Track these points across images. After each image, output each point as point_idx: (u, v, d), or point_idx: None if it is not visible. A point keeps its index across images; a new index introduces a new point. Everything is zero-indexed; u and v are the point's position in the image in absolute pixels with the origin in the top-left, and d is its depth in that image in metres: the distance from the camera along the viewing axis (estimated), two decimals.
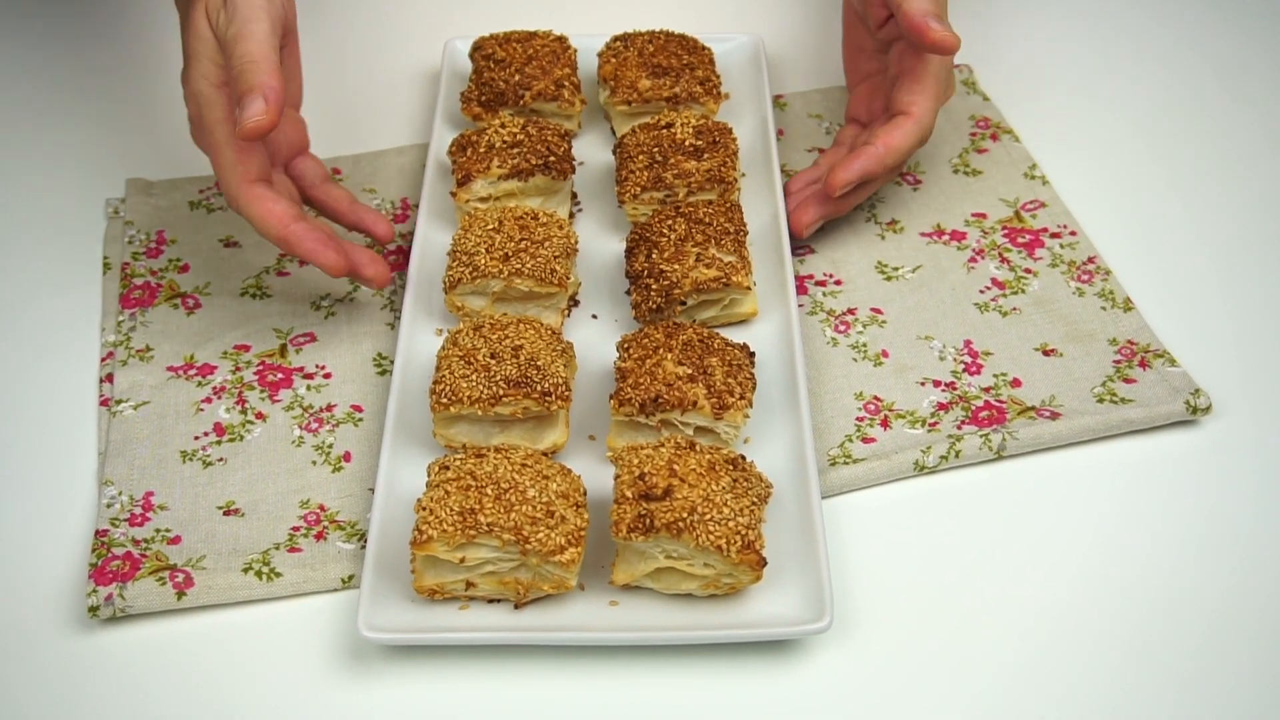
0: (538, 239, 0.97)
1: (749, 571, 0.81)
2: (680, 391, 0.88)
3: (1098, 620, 0.85)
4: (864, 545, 0.88)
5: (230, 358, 1.00)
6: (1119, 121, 1.19)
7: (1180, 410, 0.94)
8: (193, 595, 0.85)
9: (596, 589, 0.84)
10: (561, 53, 1.14)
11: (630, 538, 0.80)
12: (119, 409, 0.96)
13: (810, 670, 0.82)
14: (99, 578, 0.85)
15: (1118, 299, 1.02)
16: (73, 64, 1.25)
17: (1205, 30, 1.28)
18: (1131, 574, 0.87)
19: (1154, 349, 0.98)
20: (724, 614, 0.83)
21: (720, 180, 1.03)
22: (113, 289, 1.05)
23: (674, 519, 0.80)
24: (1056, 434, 0.93)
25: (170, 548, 0.88)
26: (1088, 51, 1.26)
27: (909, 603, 0.85)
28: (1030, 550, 0.88)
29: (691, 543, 0.80)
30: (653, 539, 0.80)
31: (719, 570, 0.81)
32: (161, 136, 1.17)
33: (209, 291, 1.04)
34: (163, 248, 1.08)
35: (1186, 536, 0.89)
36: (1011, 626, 0.84)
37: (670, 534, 0.80)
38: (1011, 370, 0.98)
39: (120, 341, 1.01)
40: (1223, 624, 0.85)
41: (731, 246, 0.98)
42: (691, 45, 1.14)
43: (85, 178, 1.14)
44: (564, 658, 0.82)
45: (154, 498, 0.91)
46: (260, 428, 0.95)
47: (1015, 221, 1.09)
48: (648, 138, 1.05)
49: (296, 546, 0.88)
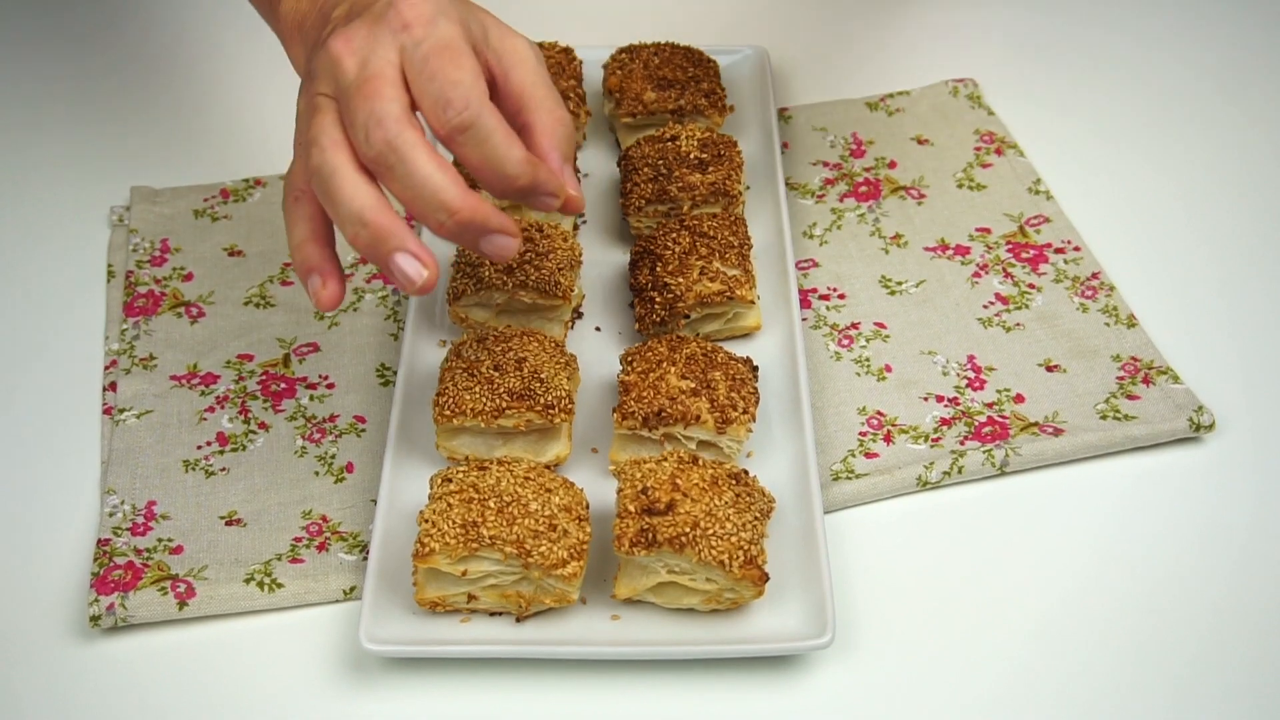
0: (542, 251, 0.97)
1: (751, 587, 0.81)
2: (683, 405, 0.88)
3: (1100, 636, 0.85)
4: (866, 560, 0.88)
5: (233, 367, 1.00)
6: (1123, 137, 1.19)
7: (1183, 427, 0.94)
8: (194, 605, 0.85)
9: (598, 602, 0.84)
10: (567, 64, 1.14)
11: (633, 552, 0.80)
12: (122, 418, 0.96)
13: (812, 686, 0.82)
14: (100, 587, 0.85)
15: (1121, 315, 1.02)
16: (77, 70, 1.25)
17: (1210, 45, 1.28)
18: (1134, 591, 0.87)
19: (1157, 365, 0.98)
20: (726, 629, 0.83)
21: (725, 193, 1.03)
22: (116, 297, 1.05)
23: (676, 534, 0.80)
24: (1059, 450, 0.93)
25: (172, 557, 0.88)
26: (1092, 67, 1.26)
27: (911, 618, 0.85)
28: (1032, 566, 0.88)
29: (694, 558, 0.80)
30: (655, 554, 0.80)
31: (721, 585, 0.81)
32: (166, 144, 1.17)
33: (212, 300, 1.04)
34: (167, 256, 1.08)
35: (1189, 553, 0.89)
36: (1013, 642, 0.84)
37: (673, 549, 0.80)
38: (1015, 386, 0.98)
39: (124, 350, 1.01)
40: (1225, 640, 0.84)
41: (735, 260, 0.98)
42: (697, 58, 1.15)
43: (89, 185, 1.14)
44: (565, 671, 0.82)
45: (156, 507, 0.91)
46: (263, 438, 0.95)
47: (1019, 237, 1.09)
48: (652, 150, 1.05)
49: (298, 557, 0.88)
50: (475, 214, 0.75)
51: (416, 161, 0.73)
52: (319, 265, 0.78)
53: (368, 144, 0.73)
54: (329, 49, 0.76)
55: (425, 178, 0.73)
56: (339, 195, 0.74)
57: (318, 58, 0.77)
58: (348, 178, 0.74)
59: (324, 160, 0.74)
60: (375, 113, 0.73)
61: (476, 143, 0.74)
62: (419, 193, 0.74)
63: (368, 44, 0.75)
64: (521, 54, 0.80)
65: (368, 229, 0.74)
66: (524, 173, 0.76)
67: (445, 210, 0.74)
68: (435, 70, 0.74)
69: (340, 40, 0.76)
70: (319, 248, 0.78)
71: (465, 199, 0.74)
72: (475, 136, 0.74)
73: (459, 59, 0.75)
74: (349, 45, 0.76)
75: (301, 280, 0.78)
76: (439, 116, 0.74)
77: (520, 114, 0.80)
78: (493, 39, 0.79)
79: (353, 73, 0.75)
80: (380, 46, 0.75)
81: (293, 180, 0.79)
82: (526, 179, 0.76)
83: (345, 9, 0.80)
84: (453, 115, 0.74)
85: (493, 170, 0.76)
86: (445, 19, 0.76)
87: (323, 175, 0.75)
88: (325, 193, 0.75)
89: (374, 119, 0.73)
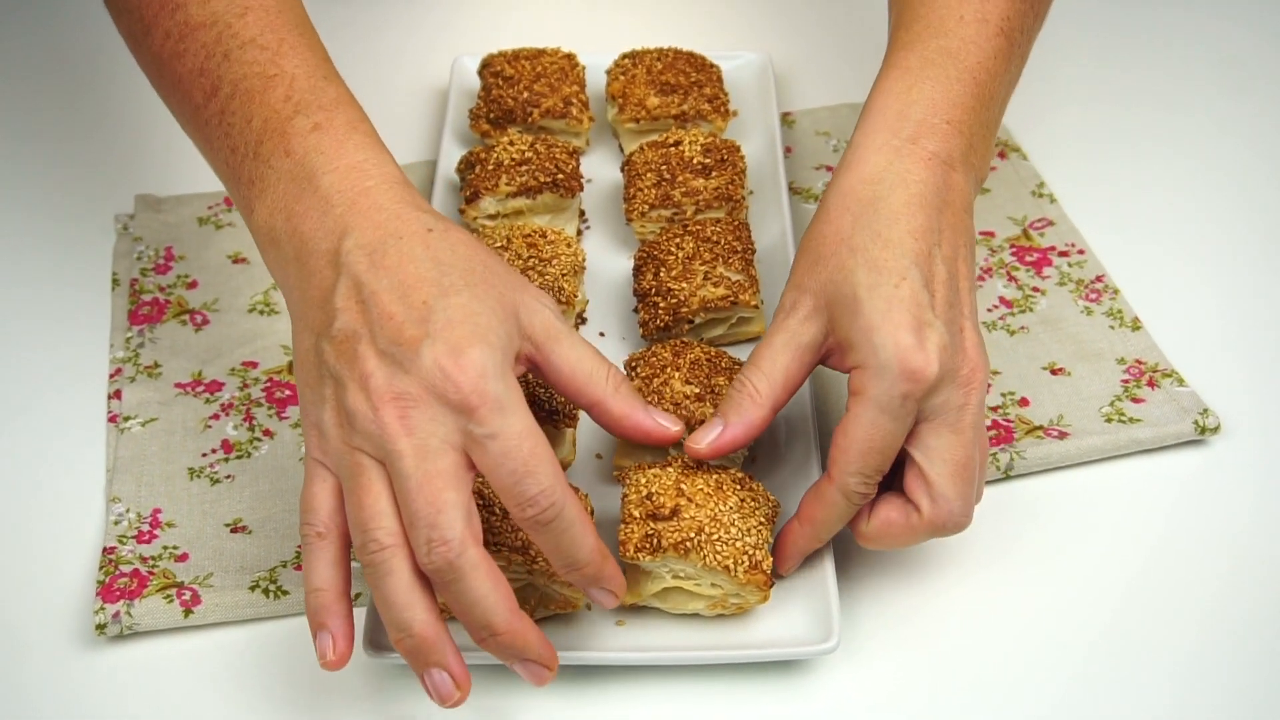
0: (545, 257, 0.97)
1: (756, 591, 0.81)
2: (688, 411, 0.88)
3: (1106, 641, 0.84)
4: (871, 565, 0.88)
5: (238, 374, 1.00)
6: (1127, 139, 1.18)
7: (1189, 430, 0.94)
8: (200, 613, 0.85)
9: (603, 609, 0.84)
10: (570, 70, 1.14)
11: (638, 558, 0.80)
12: (127, 426, 0.96)
13: (817, 691, 0.82)
14: (106, 595, 0.85)
15: (1126, 318, 1.02)
16: (81, 78, 1.25)
17: (1215, 48, 1.27)
18: (1139, 594, 0.87)
19: (1162, 368, 0.98)
20: (731, 634, 0.82)
21: (728, 198, 1.03)
22: (121, 305, 1.05)
23: (681, 539, 0.80)
24: (1064, 454, 0.93)
25: (178, 565, 0.88)
26: (1096, 69, 1.26)
27: (916, 623, 0.85)
28: (1037, 570, 0.88)
29: (699, 562, 0.80)
30: (660, 559, 0.80)
31: (726, 590, 0.81)
32: (171, 152, 1.17)
33: (217, 308, 1.05)
34: (171, 264, 1.08)
35: (1194, 557, 0.89)
36: (1019, 646, 0.84)
37: (678, 554, 0.80)
38: (1019, 389, 0.97)
39: (129, 358, 1.01)
40: (1232, 643, 0.84)
41: (739, 265, 0.98)
42: (700, 63, 1.15)
43: (94, 193, 1.14)
44: (570, 678, 0.82)
45: (161, 515, 0.91)
46: (268, 445, 0.95)
47: (1023, 240, 1.09)
48: (656, 155, 1.05)
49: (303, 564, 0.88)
50: (515, 639, 0.73)
51: (473, 582, 0.71)
52: (334, 625, 0.75)
53: (429, 557, 0.71)
54: (380, 419, 0.72)
55: (479, 599, 0.72)
56: (392, 599, 0.72)
57: (357, 405, 0.72)
58: (402, 586, 0.72)
59: (382, 560, 0.72)
60: (439, 528, 0.71)
61: (556, 534, 0.73)
62: (468, 610, 0.72)
63: (427, 428, 0.71)
64: (551, 327, 0.77)
65: (413, 639, 0.73)
66: (593, 562, 0.75)
67: (489, 630, 0.73)
68: (515, 468, 0.71)
69: (394, 412, 0.71)
70: (338, 602, 0.75)
71: (510, 623, 0.73)
72: (556, 529, 0.73)
73: (538, 448, 0.72)
74: (405, 422, 0.71)
75: (311, 632, 0.75)
76: (520, 511, 0.72)
77: (579, 396, 0.79)
78: (523, 321, 0.76)
79: (410, 464, 0.71)
80: (441, 429, 0.71)
81: (314, 507, 0.75)
82: (593, 569, 0.75)
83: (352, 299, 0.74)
84: (536, 512, 0.72)
85: (564, 558, 0.74)
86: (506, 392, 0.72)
87: (378, 574, 0.72)
88: (377, 590, 0.73)
89: (438, 536, 0.71)
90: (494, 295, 0.75)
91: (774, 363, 0.81)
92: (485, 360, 0.72)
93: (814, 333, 0.81)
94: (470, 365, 0.72)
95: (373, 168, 0.79)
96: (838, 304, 0.79)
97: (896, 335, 0.76)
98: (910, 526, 0.80)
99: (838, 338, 0.80)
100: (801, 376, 0.82)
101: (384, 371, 0.72)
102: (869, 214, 0.80)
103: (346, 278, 0.75)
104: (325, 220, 0.77)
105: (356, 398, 0.73)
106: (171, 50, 0.85)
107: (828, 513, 0.80)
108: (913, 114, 0.83)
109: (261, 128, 0.80)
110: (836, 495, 0.79)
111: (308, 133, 0.79)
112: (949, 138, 0.82)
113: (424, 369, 0.72)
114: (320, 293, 0.76)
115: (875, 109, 0.84)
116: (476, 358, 0.72)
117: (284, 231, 0.78)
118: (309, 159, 0.78)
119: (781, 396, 0.82)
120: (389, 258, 0.75)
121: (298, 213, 0.78)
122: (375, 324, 0.73)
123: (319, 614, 0.75)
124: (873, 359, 0.77)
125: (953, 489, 0.78)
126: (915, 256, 0.78)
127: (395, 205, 0.77)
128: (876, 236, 0.79)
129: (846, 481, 0.78)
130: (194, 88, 0.84)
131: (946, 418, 0.78)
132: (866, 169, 0.81)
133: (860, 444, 0.77)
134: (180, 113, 0.87)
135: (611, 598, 0.77)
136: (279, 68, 0.82)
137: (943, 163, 0.82)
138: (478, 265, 0.76)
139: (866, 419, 0.77)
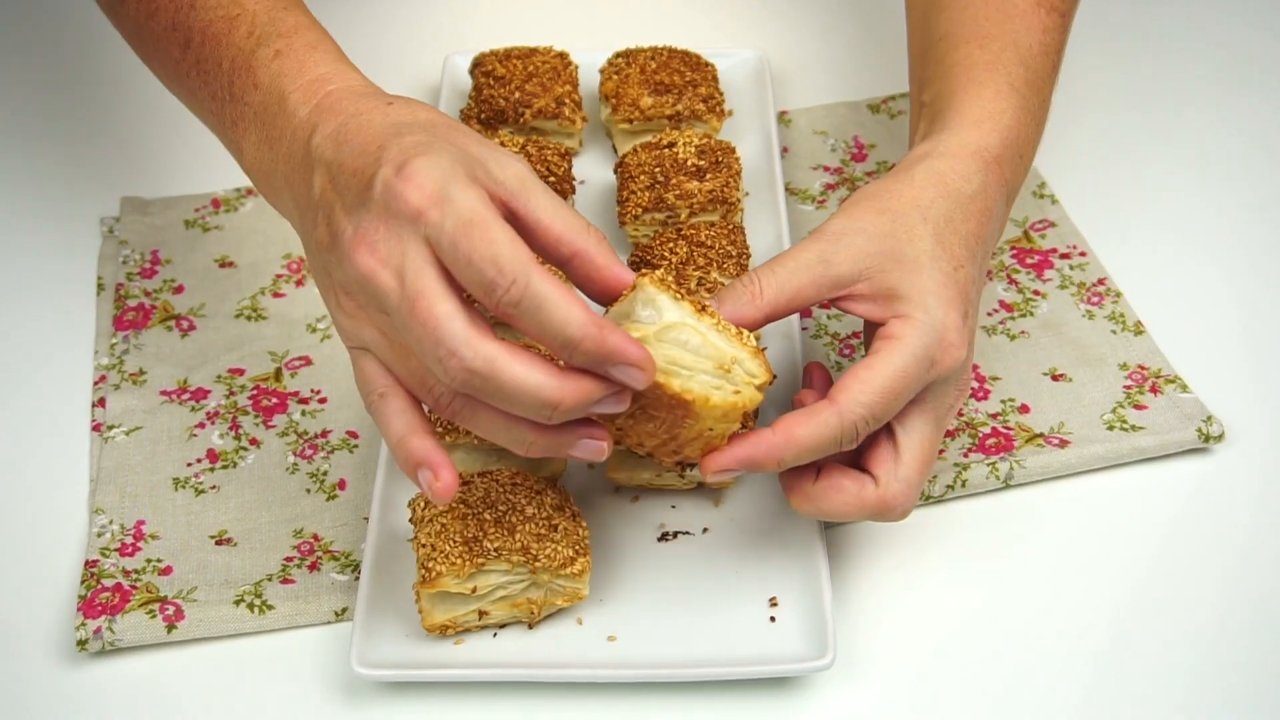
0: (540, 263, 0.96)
1: (757, 363, 0.75)
2: None
3: (1108, 652, 0.83)
4: (868, 577, 0.87)
5: (224, 382, 0.98)
6: (1131, 139, 1.17)
7: (1192, 438, 0.92)
8: (183, 629, 0.84)
9: (594, 624, 0.83)
10: (562, 69, 1.12)
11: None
12: (111, 434, 0.95)
13: (813, 709, 0.80)
14: (88, 610, 0.84)
15: (1128, 322, 1.00)
16: (67, 80, 1.24)
17: (1219, 49, 1.26)
18: (1141, 605, 0.86)
19: (1165, 374, 0.96)
20: (725, 650, 0.81)
21: (723, 201, 1.02)
22: (106, 310, 1.03)
23: None
24: (1065, 463, 0.91)
25: (161, 578, 0.86)
26: (1097, 69, 1.24)
27: (914, 637, 0.84)
28: (1037, 582, 0.87)
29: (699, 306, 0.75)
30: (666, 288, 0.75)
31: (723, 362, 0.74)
32: (157, 154, 1.16)
33: (203, 313, 1.03)
34: (157, 268, 1.06)
35: (1197, 566, 0.87)
36: (1019, 660, 0.83)
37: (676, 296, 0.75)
38: (1020, 396, 0.96)
39: (113, 365, 0.99)
40: (1236, 652, 0.83)
41: (734, 270, 0.96)
42: (694, 62, 1.13)
43: (79, 196, 1.12)
44: (561, 695, 0.81)
45: (145, 526, 0.89)
46: (254, 454, 0.94)
47: (1024, 242, 1.07)
48: (649, 157, 1.04)
49: (289, 578, 0.86)
50: (579, 396, 0.71)
51: (503, 375, 0.69)
52: (425, 458, 0.73)
53: (450, 378, 0.69)
54: (355, 264, 0.71)
55: (518, 387, 0.69)
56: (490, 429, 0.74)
57: (343, 270, 0.72)
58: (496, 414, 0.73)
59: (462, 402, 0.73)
60: (442, 343, 0.69)
61: (533, 313, 0.69)
62: (517, 402, 0.70)
63: (393, 248, 0.70)
64: (524, 176, 0.74)
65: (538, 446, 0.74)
66: (589, 334, 0.69)
67: (548, 407, 0.70)
68: (468, 254, 0.68)
69: (363, 250, 0.71)
70: (421, 439, 0.73)
71: (563, 388, 0.70)
72: (530, 307, 0.69)
73: (487, 231, 0.69)
74: (374, 254, 0.70)
75: (410, 476, 0.74)
76: (489, 299, 0.69)
77: (559, 245, 0.75)
78: (494, 170, 0.73)
79: (394, 293, 0.70)
80: (407, 247, 0.69)
81: (367, 380, 0.75)
82: (592, 341, 0.69)
83: (325, 181, 0.74)
84: (501, 294, 0.68)
85: (556, 338, 0.69)
86: (453, 184, 0.69)
87: (465, 416, 0.74)
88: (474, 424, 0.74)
89: (445, 351, 0.69)
90: (456, 145, 0.72)
91: (793, 277, 0.80)
92: (430, 167, 0.70)
93: (849, 269, 0.80)
94: (414, 173, 0.70)
95: (335, 76, 0.79)
96: (894, 258, 0.80)
97: (948, 308, 0.79)
98: (859, 497, 0.79)
99: (883, 287, 0.80)
100: (810, 302, 0.81)
101: (351, 221, 0.72)
102: (950, 202, 0.83)
103: (319, 167, 0.75)
104: (297, 133, 0.77)
105: (343, 264, 0.72)
106: (145, 11, 0.87)
107: (812, 431, 0.76)
108: (1006, 137, 0.87)
109: (230, 68, 0.82)
110: (832, 418, 0.76)
111: (270, 61, 0.80)
112: (1018, 174, 0.88)
113: (376, 196, 0.70)
114: (306, 199, 0.76)
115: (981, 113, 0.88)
116: (421, 165, 0.70)
117: (269, 160, 0.79)
118: (276, 84, 0.79)
119: (782, 311, 0.80)
120: (349, 132, 0.74)
121: (274, 138, 0.79)
122: (342, 187, 0.73)
123: (409, 458, 0.74)
124: (922, 315, 0.79)
125: (916, 476, 0.80)
126: (971, 258, 0.83)
127: (357, 99, 0.76)
128: (949, 223, 0.82)
129: (854, 409, 0.76)
130: (170, 43, 0.85)
131: (937, 409, 0.81)
132: (961, 165, 0.85)
133: (884, 381, 0.77)
134: (163, 72, 0.89)
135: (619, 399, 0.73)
136: (241, 7, 0.83)
137: (1009, 194, 0.87)
138: (441, 124, 0.75)
139: (897, 361, 0.77)
